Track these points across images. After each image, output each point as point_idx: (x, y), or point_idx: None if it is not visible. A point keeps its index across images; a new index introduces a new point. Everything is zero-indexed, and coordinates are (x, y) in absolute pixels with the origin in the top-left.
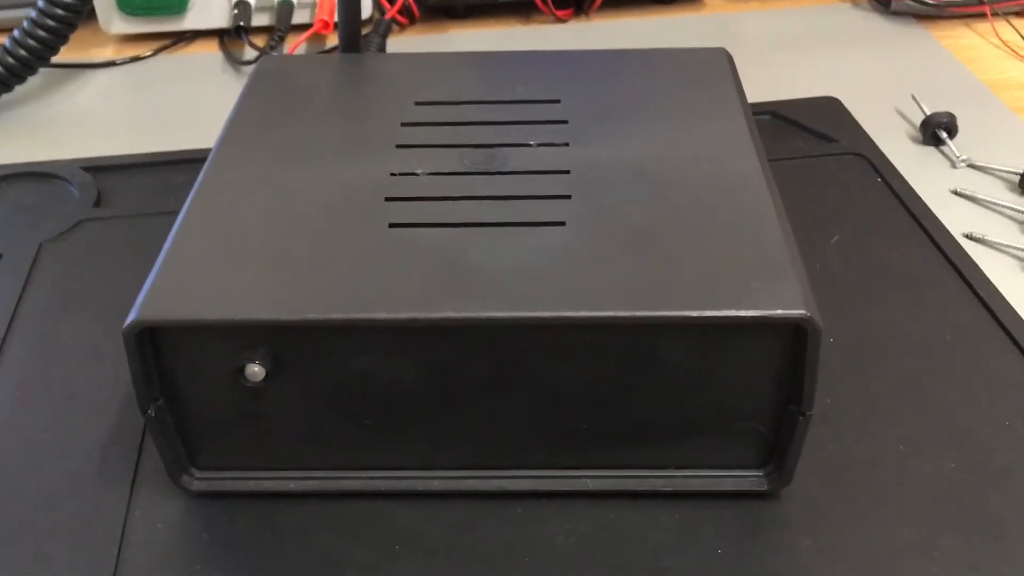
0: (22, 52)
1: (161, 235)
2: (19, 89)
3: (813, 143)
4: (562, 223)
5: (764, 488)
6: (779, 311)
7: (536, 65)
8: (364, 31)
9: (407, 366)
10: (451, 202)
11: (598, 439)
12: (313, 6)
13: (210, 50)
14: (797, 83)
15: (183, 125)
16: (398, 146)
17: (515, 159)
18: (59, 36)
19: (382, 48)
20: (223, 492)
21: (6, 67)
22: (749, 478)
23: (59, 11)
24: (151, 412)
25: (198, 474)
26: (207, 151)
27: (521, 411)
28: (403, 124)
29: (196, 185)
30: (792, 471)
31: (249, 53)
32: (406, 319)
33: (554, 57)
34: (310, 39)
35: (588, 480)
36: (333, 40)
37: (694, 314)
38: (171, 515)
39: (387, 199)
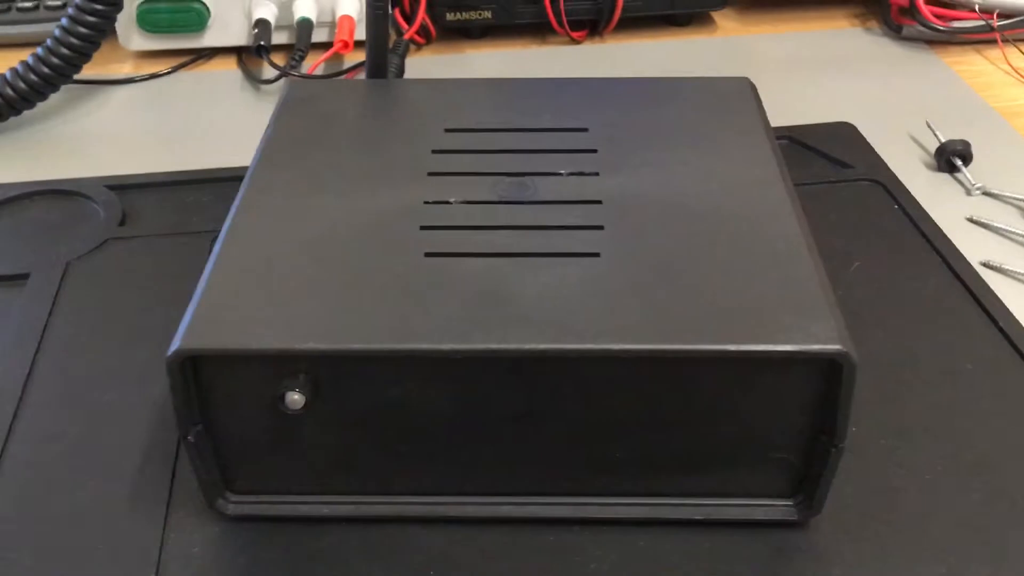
0: (45, 69)
1: (186, 255)
2: (40, 105)
3: (829, 169)
4: (596, 254)
5: (795, 518)
6: (815, 346)
7: (563, 92)
8: None
9: (444, 394)
10: (485, 231)
11: (631, 467)
12: (332, 25)
13: (228, 67)
14: (810, 108)
15: (204, 143)
16: (430, 174)
17: (546, 188)
18: (82, 54)
19: (401, 68)
20: (258, 516)
21: (29, 84)
22: (780, 507)
23: (83, 29)
24: (191, 438)
25: (233, 498)
26: (230, 171)
27: (555, 439)
28: (434, 151)
29: (232, 211)
30: (822, 501)
31: (268, 71)
32: (446, 351)
33: (580, 84)
34: (326, 58)
35: (620, 508)
36: (351, 59)
37: (730, 348)
38: (207, 539)
39: (422, 228)
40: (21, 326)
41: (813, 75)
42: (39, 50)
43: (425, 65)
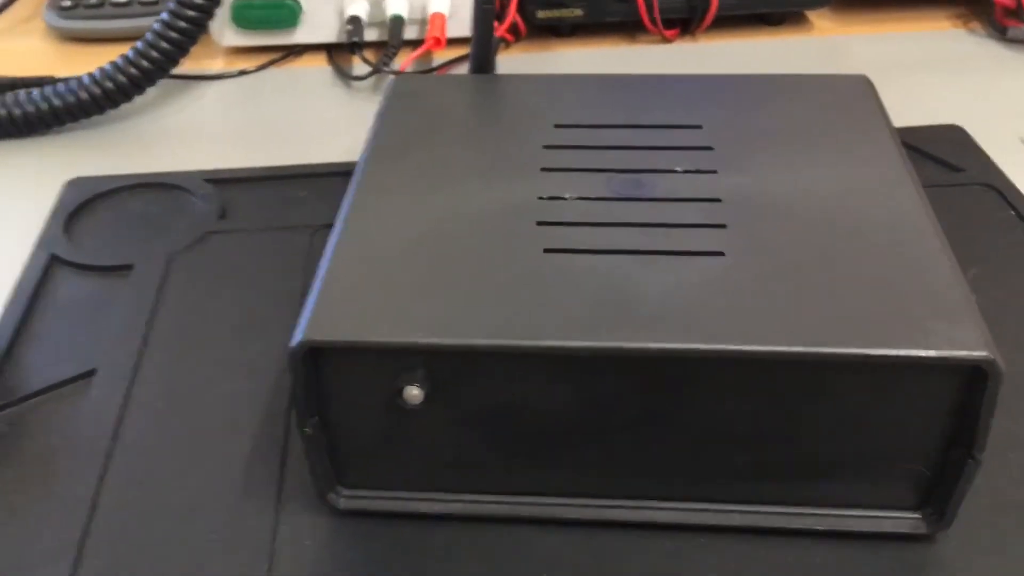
0: (145, 63)
1: (286, 249)
2: (136, 99)
3: (940, 172)
4: (721, 253)
5: (924, 531)
6: (962, 352)
7: (673, 88)
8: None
9: (564, 393)
10: (604, 228)
11: (752, 474)
12: (422, 22)
13: (318, 64)
14: (914, 110)
15: (296, 139)
16: (543, 169)
17: (663, 185)
18: (182, 49)
19: (493, 65)
20: (369, 511)
21: (128, 78)
22: (907, 520)
23: (183, 24)
24: (307, 430)
25: (345, 492)
26: (325, 166)
27: (674, 442)
28: (545, 147)
29: (346, 204)
30: (954, 515)
31: (358, 68)
32: (571, 348)
33: (691, 81)
34: (419, 55)
35: (739, 515)
36: (441, 57)
37: (872, 352)
38: (318, 532)
39: (538, 223)
40: (126, 317)
41: (915, 77)
42: (139, 44)
43: (515, 63)
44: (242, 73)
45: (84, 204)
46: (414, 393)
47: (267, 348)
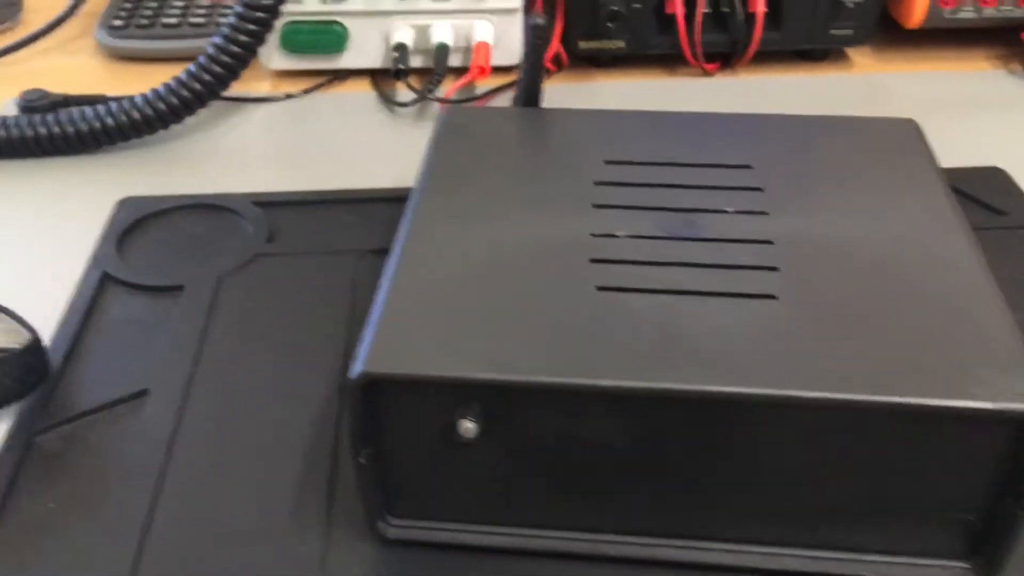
0: (197, 86)
1: (334, 274)
2: (187, 120)
3: (982, 215)
4: (773, 296)
5: None
6: (1014, 405)
7: (723, 127)
8: (514, 78)
9: (617, 431)
10: (656, 267)
11: (802, 517)
12: (466, 51)
13: (362, 89)
14: (954, 151)
15: (341, 163)
16: (595, 205)
17: (714, 226)
18: (234, 72)
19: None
20: (418, 542)
21: (181, 99)
22: (956, 569)
23: (236, 49)
24: (361, 459)
25: (394, 521)
26: (370, 192)
27: (725, 483)
28: (596, 183)
29: (401, 235)
30: (1002, 564)
31: (402, 94)
32: (629, 388)
33: (740, 120)
34: (463, 84)
35: (787, 559)
36: (484, 85)
37: (923, 402)
38: (366, 560)
39: (592, 260)
40: (177, 338)
41: (954, 117)
42: (192, 66)
43: (556, 93)
44: (288, 96)
45: (136, 223)
46: (469, 427)
47: (313, 373)
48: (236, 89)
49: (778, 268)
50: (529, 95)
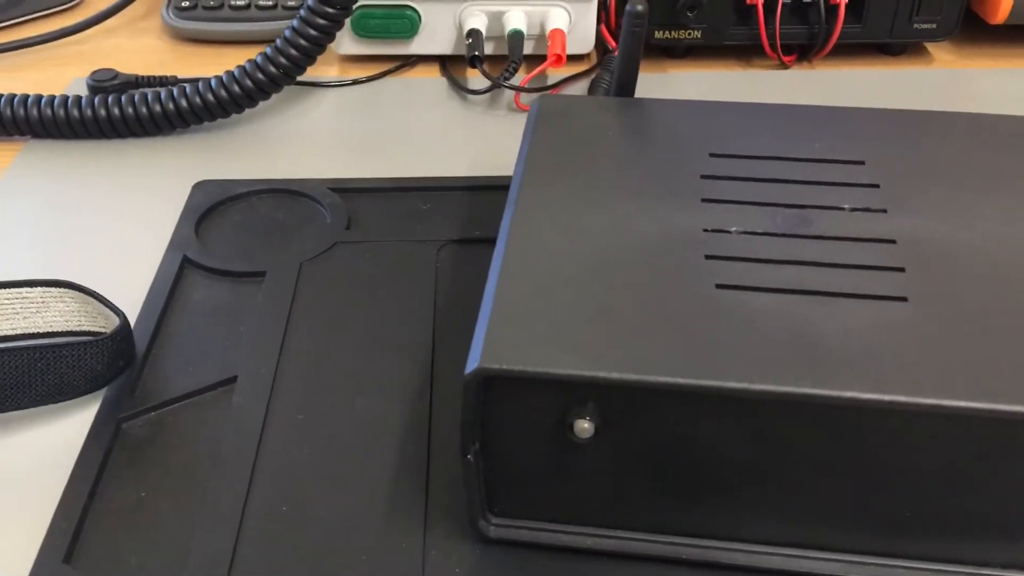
0: (273, 69)
1: (415, 263)
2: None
3: None
4: (903, 299)
5: None
6: None
7: (830, 121)
8: (587, 67)
9: (737, 435)
10: (775, 265)
11: (922, 529)
12: (539, 38)
13: (431, 75)
14: None
15: (413, 150)
16: (703, 200)
17: (831, 223)
18: (310, 56)
19: (612, 83)
20: (519, 541)
21: (256, 82)
22: None
23: (313, 32)
24: (469, 456)
25: (495, 520)
26: (446, 180)
27: (847, 492)
28: (703, 176)
29: (505, 225)
30: None
31: (473, 81)
32: (755, 391)
33: (849, 113)
34: (540, 71)
35: (906, 571)
36: (558, 74)
37: None
38: (466, 559)
39: (707, 257)
40: (262, 325)
41: None
42: (268, 50)
43: None
44: (357, 82)
45: (212, 207)
46: (585, 427)
47: (399, 364)
48: (307, 74)
49: (904, 269)
50: (624, 84)
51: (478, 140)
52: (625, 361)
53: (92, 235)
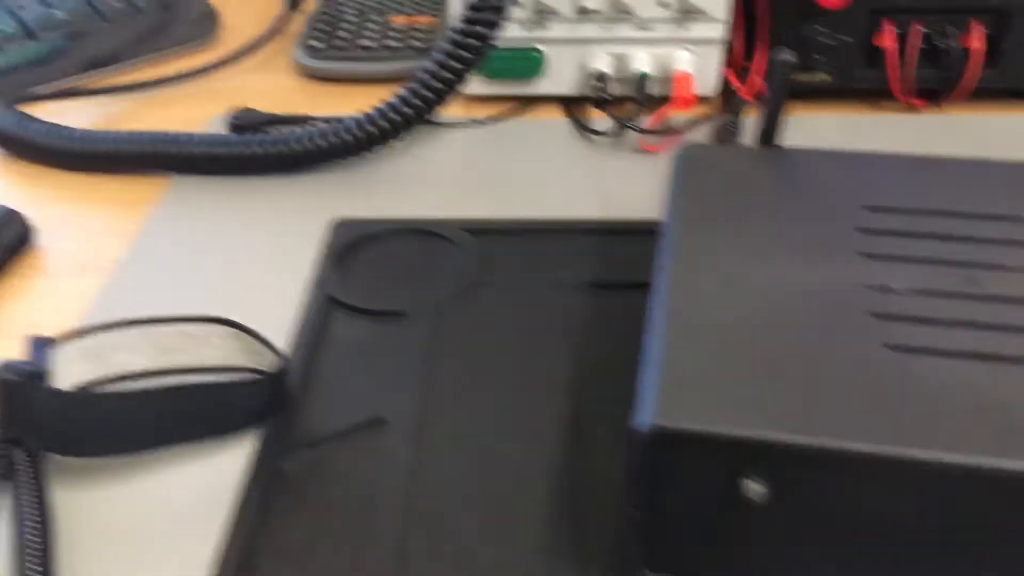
0: (408, 110)
1: (549, 307)
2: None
3: None
4: None
5: None
6: None
7: (991, 175)
8: (711, 109)
9: (921, 506)
10: (949, 328)
11: None
12: (663, 80)
13: (554, 116)
14: None
15: (542, 191)
16: (861, 254)
17: (1006, 284)
18: (444, 98)
19: (739, 126)
20: None
21: (391, 123)
22: None
23: (449, 74)
24: (635, 510)
25: (649, 574)
26: (580, 223)
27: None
28: (858, 229)
29: (665, 278)
30: None
31: (595, 122)
32: (947, 463)
33: (1009, 168)
34: (667, 114)
35: None
36: (680, 116)
37: None
38: None
39: (873, 315)
40: (406, 365)
41: None
42: (402, 91)
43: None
44: (480, 122)
45: (351, 246)
46: (758, 490)
47: (544, 410)
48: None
49: None
50: (769, 133)
51: (605, 182)
52: (804, 424)
53: (233, 271)
